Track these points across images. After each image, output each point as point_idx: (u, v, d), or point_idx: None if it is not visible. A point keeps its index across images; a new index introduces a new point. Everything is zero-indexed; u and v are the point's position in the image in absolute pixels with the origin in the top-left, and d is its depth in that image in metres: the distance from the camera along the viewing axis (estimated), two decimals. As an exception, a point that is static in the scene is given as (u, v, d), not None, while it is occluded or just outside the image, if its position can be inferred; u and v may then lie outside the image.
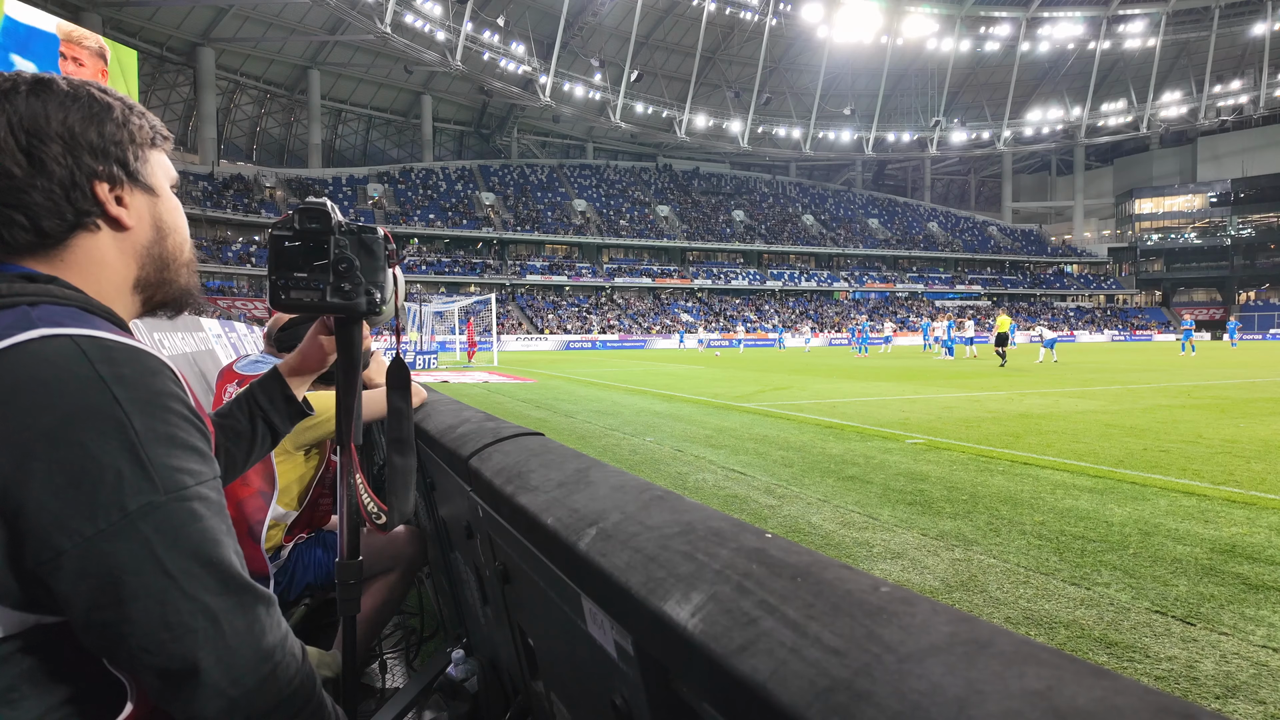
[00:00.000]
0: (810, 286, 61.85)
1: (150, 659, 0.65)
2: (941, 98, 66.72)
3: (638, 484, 0.88)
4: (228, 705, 0.67)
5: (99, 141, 0.79)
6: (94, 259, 0.79)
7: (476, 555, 1.38)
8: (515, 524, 0.97)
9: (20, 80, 0.76)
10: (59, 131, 0.76)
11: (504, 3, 52.38)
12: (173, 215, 0.88)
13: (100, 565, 0.63)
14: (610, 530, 0.74)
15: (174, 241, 0.87)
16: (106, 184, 0.79)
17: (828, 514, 4.16)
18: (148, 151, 0.85)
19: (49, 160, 0.75)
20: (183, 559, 0.66)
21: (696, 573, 0.60)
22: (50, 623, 0.66)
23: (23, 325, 0.65)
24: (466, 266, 51.97)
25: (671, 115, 62.54)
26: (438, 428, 1.64)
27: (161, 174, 0.87)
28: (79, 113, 0.78)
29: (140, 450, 0.65)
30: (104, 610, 0.64)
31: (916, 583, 3.06)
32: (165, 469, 0.66)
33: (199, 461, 0.70)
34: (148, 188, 0.84)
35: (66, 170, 0.76)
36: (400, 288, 1.14)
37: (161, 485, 0.66)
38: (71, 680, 0.68)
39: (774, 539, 0.65)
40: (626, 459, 5.94)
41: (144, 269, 0.84)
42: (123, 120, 0.82)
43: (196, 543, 0.67)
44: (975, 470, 5.33)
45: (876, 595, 0.49)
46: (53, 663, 0.67)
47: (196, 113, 50.57)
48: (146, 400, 0.67)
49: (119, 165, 0.81)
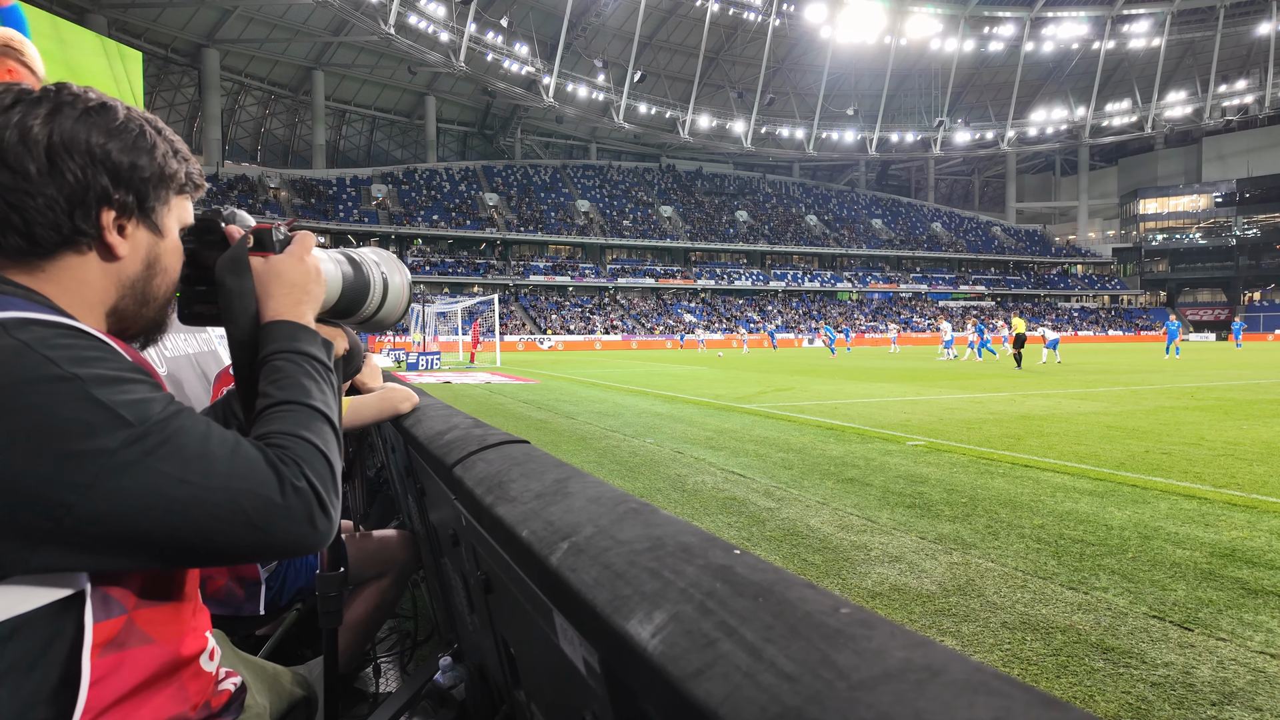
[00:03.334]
0: (814, 287, 61.79)
1: (219, 547, 0.71)
2: (945, 98, 66.61)
3: (614, 496, 0.87)
4: (288, 518, 0.73)
5: (126, 172, 0.81)
6: (76, 277, 0.80)
7: (462, 563, 1.38)
8: (495, 535, 0.97)
9: (86, 99, 0.79)
10: (90, 150, 0.78)
11: (507, 3, 52.41)
12: (170, 257, 0.89)
13: (120, 504, 0.66)
14: (582, 545, 0.74)
15: (161, 281, 0.88)
16: (114, 211, 0.80)
17: (826, 517, 4.15)
18: (172, 195, 0.87)
19: (67, 170, 0.76)
20: (189, 464, 0.69)
21: (661, 591, 0.60)
22: (55, 600, 0.68)
23: None
24: (470, 267, 52.02)
25: (675, 116, 62.54)
26: (426, 434, 1.64)
27: (175, 219, 0.89)
28: (120, 140, 0.80)
29: (95, 395, 0.67)
30: (151, 538, 0.68)
31: (914, 587, 3.05)
32: (127, 404, 0.68)
33: (151, 389, 0.72)
34: (155, 226, 0.85)
35: (80, 186, 0.77)
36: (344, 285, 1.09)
37: (133, 418, 0.68)
38: (45, 672, 0.68)
39: (742, 555, 0.65)
40: (626, 461, 5.94)
41: (124, 300, 0.84)
42: (161, 160, 0.84)
43: (193, 445, 0.70)
44: (975, 473, 5.32)
45: (836, 617, 0.48)
46: (37, 652, 0.67)
47: (201, 114, 50.72)
48: (80, 357, 0.69)
49: (136, 197, 0.82)
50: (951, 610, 2.80)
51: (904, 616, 2.76)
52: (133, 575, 0.74)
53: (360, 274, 1.08)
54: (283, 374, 0.85)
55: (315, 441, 0.80)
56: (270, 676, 1.20)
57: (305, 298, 0.93)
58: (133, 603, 0.74)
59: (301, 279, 0.93)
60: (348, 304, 1.05)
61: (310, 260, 0.95)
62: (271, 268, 0.92)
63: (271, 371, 0.85)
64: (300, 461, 0.76)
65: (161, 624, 0.78)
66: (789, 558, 3.46)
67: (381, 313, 1.12)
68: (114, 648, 0.72)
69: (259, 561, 1.97)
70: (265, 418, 0.81)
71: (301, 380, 0.85)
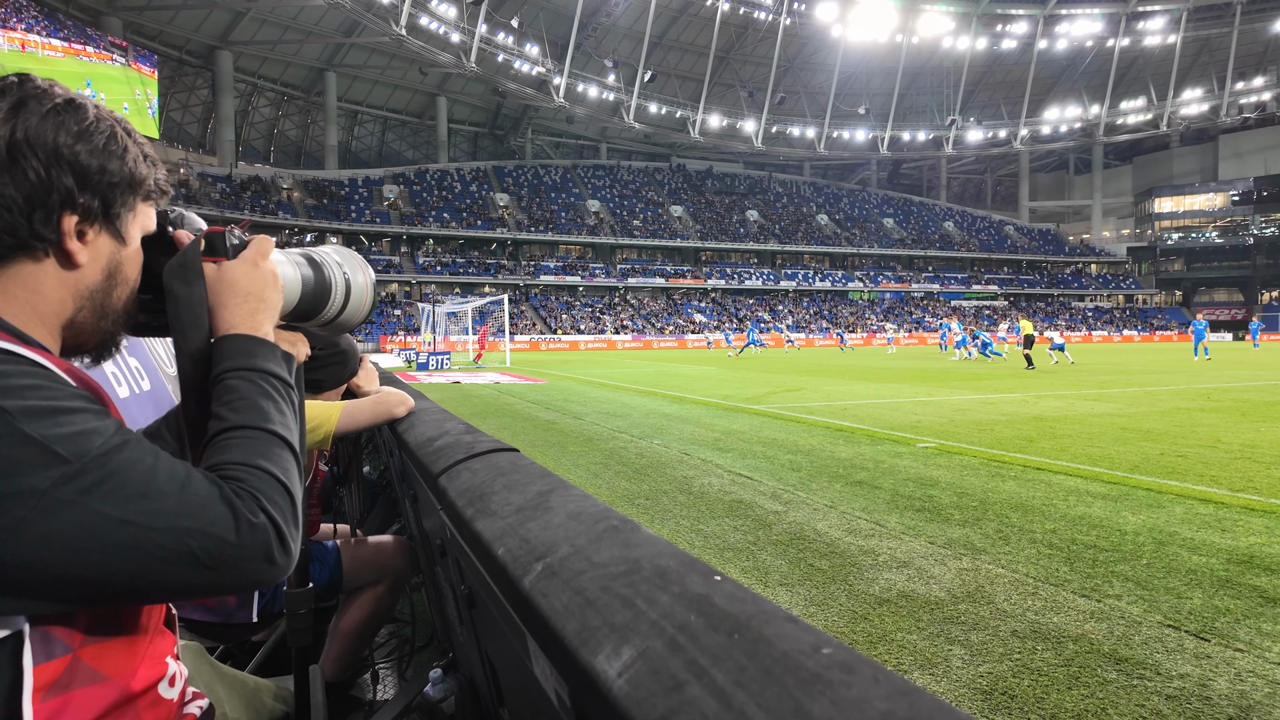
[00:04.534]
0: (825, 287, 61.54)
1: (168, 589, 0.67)
2: (957, 96, 66.13)
3: (595, 511, 0.83)
4: (242, 556, 0.69)
5: (95, 176, 0.76)
6: (27, 286, 0.75)
7: (450, 575, 1.34)
8: (474, 550, 0.93)
9: (53, 95, 0.74)
10: (56, 149, 0.73)
11: (518, 4, 52.49)
12: (131, 267, 0.84)
13: (50, 549, 0.61)
14: (556, 566, 0.70)
15: (121, 292, 0.83)
16: (77, 216, 0.75)
17: (834, 520, 4.09)
18: (138, 201, 0.82)
19: (28, 169, 0.71)
20: (130, 503, 0.64)
21: (632, 622, 0.55)
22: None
23: None
24: (481, 267, 52.16)
25: (685, 115, 62.44)
26: (417, 440, 1.60)
27: (139, 226, 0.84)
28: (89, 142, 0.76)
29: (24, 430, 0.61)
30: (90, 582, 0.63)
31: (922, 593, 2.99)
32: (61, 439, 0.63)
33: (96, 419, 0.67)
34: (118, 233, 0.81)
35: (42, 187, 0.72)
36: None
37: (67, 453, 0.62)
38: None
39: (722, 582, 0.60)
40: (633, 463, 5.89)
41: (81, 311, 0.80)
42: (131, 164, 0.80)
43: (136, 483, 0.65)
44: (986, 476, 5.24)
45: (815, 659, 0.46)
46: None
47: (215, 115, 51.08)
48: (8, 386, 0.63)
49: (101, 202, 0.77)
50: (960, 618, 2.75)
51: (911, 624, 2.70)
52: (77, 613, 0.70)
53: (321, 275, 1.03)
54: (238, 394, 0.80)
55: (274, 471, 0.75)
56: (250, 693, 1.17)
57: (262, 306, 0.87)
58: (78, 640, 0.70)
59: (258, 287, 0.87)
60: (308, 307, 0.99)
61: (267, 266, 0.89)
62: (225, 275, 0.86)
63: (225, 391, 0.80)
64: (257, 494, 0.72)
65: (113, 659, 0.73)
66: (795, 562, 3.40)
67: (344, 315, 1.07)
68: (58, 690, 0.67)
69: (214, 597, 1.94)
70: (220, 445, 0.76)
71: (259, 401, 0.80)
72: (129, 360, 2.19)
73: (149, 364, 2.36)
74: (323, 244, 1.12)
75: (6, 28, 32.77)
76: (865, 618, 2.77)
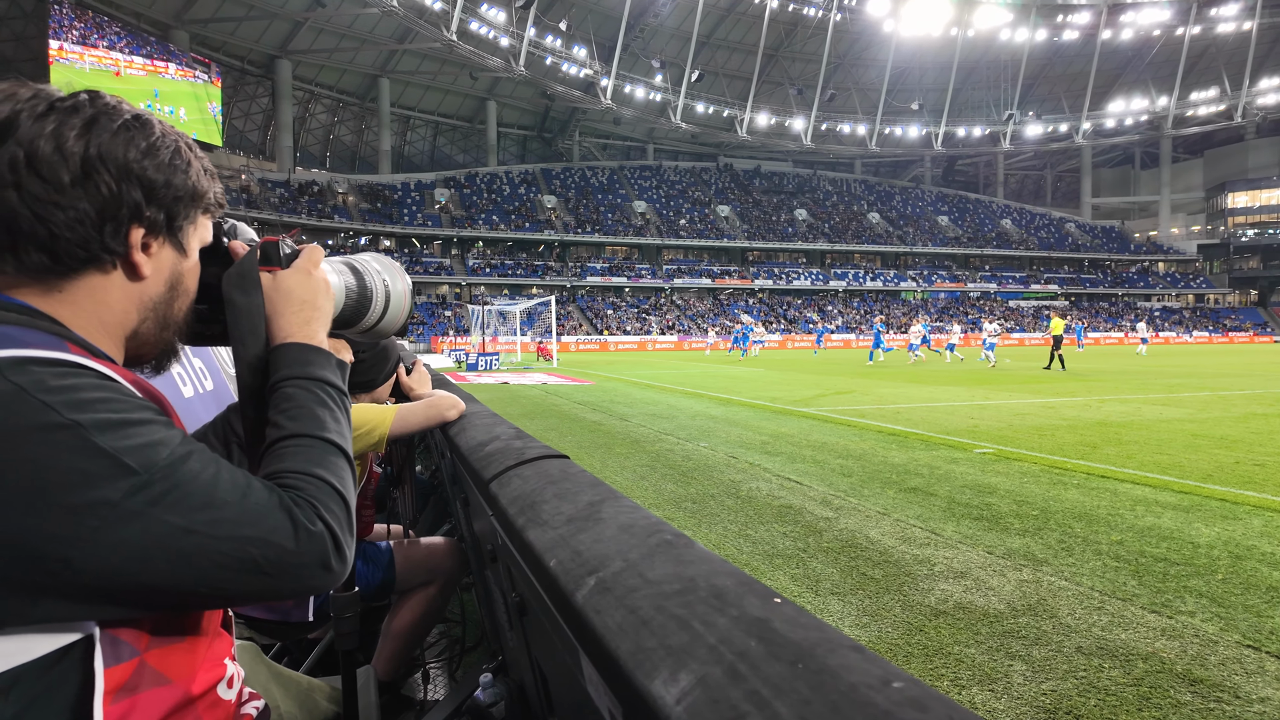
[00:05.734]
0: (876, 286, 60.43)
1: (228, 595, 0.69)
2: (1015, 90, 64.19)
3: (647, 525, 0.81)
4: (300, 563, 0.71)
5: (161, 190, 0.78)
6: (95, 298, 0.77)
7: (501, 580, 1.34)
8: (526, 560, 0.92)
9: (121, 111, 0.77)
10: (126, 164, 0.75)
11: (566, 7, 52.90)
12: (190, 278, 0.86)
13: (122, 558, 0.63)
14: (609, 582, 0.68)
15: (182, 303, 0.86)
16: (144, 229, 0.78)
17: (887, 528, 4.00)
18: (199, 214, 0.85)
19: (101, 184, 0.74)
20: (196, 512, 0.66)
21: (689, 646, 0.54)
22: (60, 648, 0.65)
23: None
24: (528, 269, 52.76)
25: (733, 114, 62.07)
26: (469, 444, 1.61)
27: (198, 238, 0.86)
28: (155, 157, 0.78)
29: (96, 443, 0.63)
30: (155, 588, 0.65)
31: (980, 605, 2.90)
32: (131, 450, 0.65)
33: (162, 430, 0.69)
34: (180, 245, 0.83)
35: (113, 200, 0.74)
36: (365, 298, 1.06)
37: (137, 465, 0.64)
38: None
39: (782, 605, 0.58)
40: (680, 465, 5.87)
41: (145, 323, 0.82)
42: (194, 179, 0.82)
43: (200, 493, 0.67)
44: (1048, 483, 5.06)
45: (885, 694, 0.45)
46: (41, 703, 0.65)
47: (274, 122, 52.80)
48: (80, 400, 0.65)
49: (165, 216, 0.80)
50: (1021, 632, 2.65)
51: (969, 637, 2.61)
52: (144, 617, 0.72)
53: (363, 283, 1.05)
54: (294, 403, 0.82)
55: (330, 479, 0.77)
56: (304, 693, 1.19)
57: (315, 314, 0.90)
58: (145, 643, 0.71)
59: (311, 295, 0.90)
60: (350, 315, 1.01)
61: (319, 274, 0.91)
62: (280, 284, 0.89)
63: (282, 399, 0.82)
64: (315, 502, 0.74)
65: (176, 662, 0.75)
66: (847, 571, 3.33)
67: (383, 322, 1.09)
68: (126, 693, 0.69)
69: (271, 602, 1.98)
70: (277, 452, 0.78)
71: (315, 410, 0.82)
72: (193, 361, 2.27)
73: (212, 364, 2.44)
74: (364, 250, 1.14)
75: (87, 44, 34.46)
76: (921, 629, 2.69)
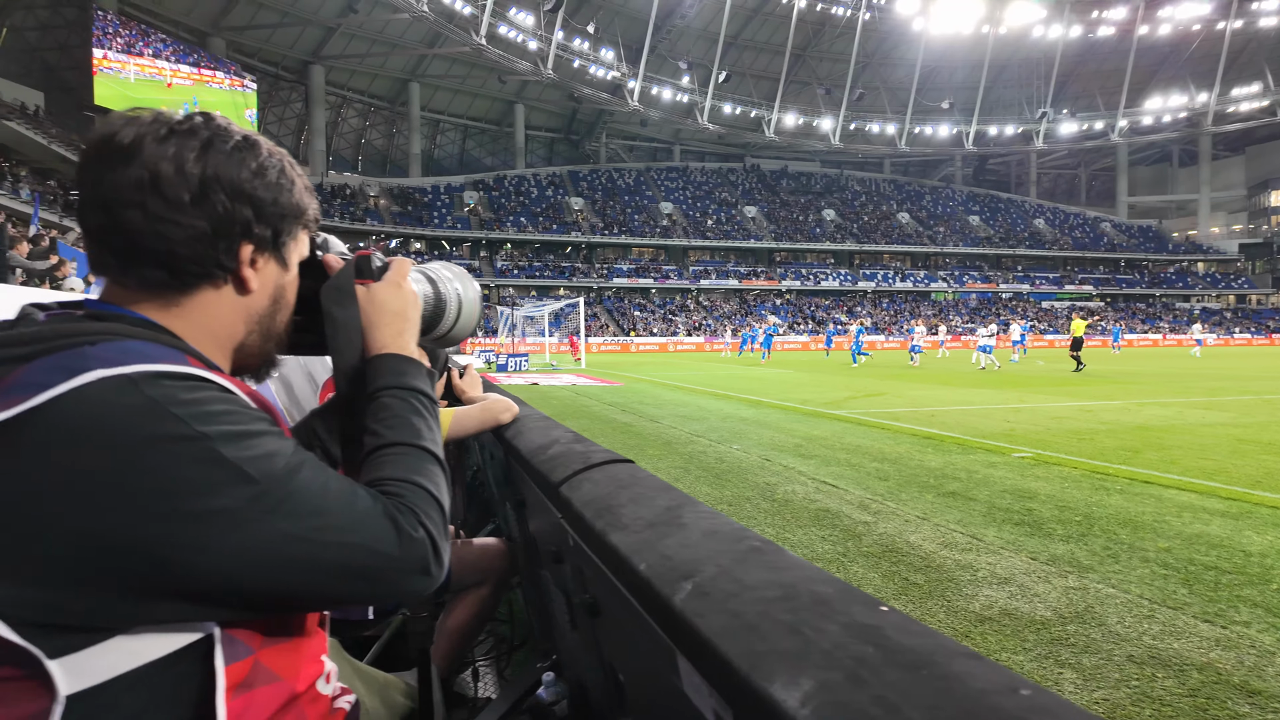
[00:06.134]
0: (906, 287, 59.75)
1: (334, 598, 0.74)
2: (1048, 88, 63.04)
3: (732, 531, 0.83)
4: (403, 569, 0.75)
5: (269, 208, 0.82)
6: (208, 312, 0.81)
7: (566, 581, 1.37)
8: (606, 562, 0.94)
9: (233, 134, 0.81)
10: (238, 184, 0.79)
11: (594, 10, 53.12)
12: (291, 291, 0.90)
13: (241, 563, 0.66)
14: (706, 586, 0.70)
15: (283, 316, 0.90)
16: (252, 245, 0.82)
17: (927, 533, 3.97)
18: (299, 230, 0.89)
19: (216, 203, 0.77)
20: (307, 520, 0.69)
21: (802, 651, 0.55)
22: (183, 646, 0.69)
23: (76, 368, 0.66)
24: (555, 270, 53.05)
25: (760, 114, 61.79)
26: (529, 448, 1.64)
27: (298, 253, 0.90)
28: (264, 177, 0.82)
29: (222, 454, 0.67)
30: (268, 592, 0.70)
31: (1026, 612, 2.87)
32: (252, 460, 0.68)
33: (276, 440, 0.72)
34: (283, 260, 0.87)
35: (226, 219, 0.79)
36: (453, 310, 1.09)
37: (256, 475, 0.68)
38: (179, 715, 0.70)
39: (889, 613, 0.59)
40: (713, 467, 5.87)
41: (250, 335, 0.86)
42: (297, 197, 0.86)
43: (311, 501, 0.71)
44: (1089, 488, 4.98)
45: (1015, 700, 0.44)
46: (168, 698, 0.69)
47: (308, 127, 53.71)
48: (208, 412, 0.68)
49: (272, 232, 0.84)
50: (1069, 640, 2.62)
51: (1017, 644, 2.59)
52: (258, 618, 0.75)
53: (438, 291, 1.09)
54: (391, 412, 0.85)
55: (429, 487, 0.81)
56: (381, 687, 1.22)
57: (407, 326, 0.94)
58: (258, 643, 0.75)
59: (402, 306, 0.93)
60: (427, 324, 1.05)
61: (408, 286, 0.95)
62: (374, 297, 0.92)
63: (381, 409, 0.86)
64: (416, 510, 0.77)
65: (284, 660, 0.79)
66: (889, 576, 3.32)
67: (456, 328, 1.13)
68: (244, 689, 0.73)
69: (372, 607, 2.04)
70: (378, 460, 0.82)
71: (411, 419, 0.86)
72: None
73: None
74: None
75: (132, 52, 35.37)
76: (967, 636, 2.68)
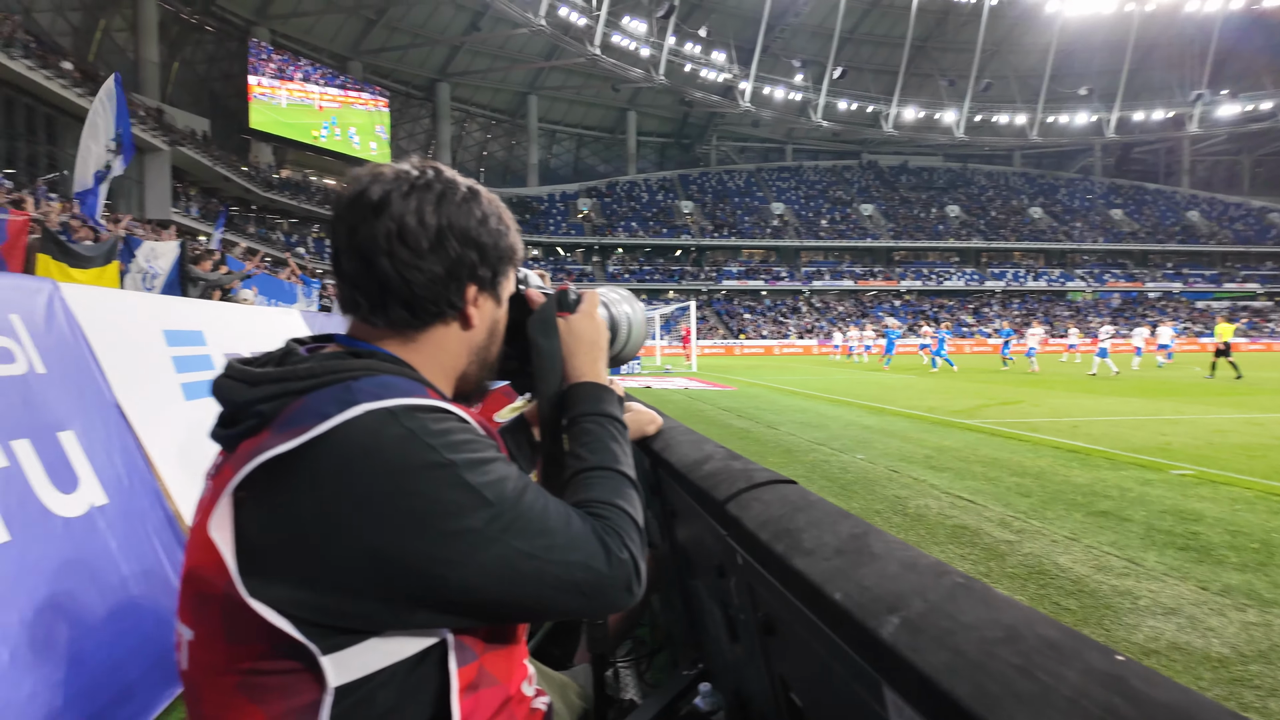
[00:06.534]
0: (1039, 286, 56.04)
1: (553, 611, 0.83)
2: (1204, 68, 57.34)
3: (931, 564, 0.83)
4: (612, 586, 0.82)
5: (491, 251, 0.92)
6: (440, 346, 0.92)
7: (728, 596, 1.40)
8: (787, 585, 0.97)
9: (459, 185, 0.92)
10: (467, 231, 0.89)
11: (705, 14, 53.16)
12: (503, 324, 1.00)
13: (482, 577, 0.75)
14: (916, 621, 0.71)
15: (495, 348, 1.00)
16: (476, 286, 0.92)
17: (1078, 555, 3.73)
18: (510, 269, 0.98)
19: (450, 249, 0.88)
20: (534, 539, 0.77)
21: (1041, 696, 0.55)
22: (424, 649, 0.78)
23: (348, 401, 0.76)
24: (665, 273, 53.50)
25: (877, 109, 59.80)
26: (682, 461, 1.68)
27: (508, 290, 1.00)
28: (487, 224, 0.92)
29: (466, 479, 0.75)
30: (508, 602, 0.78)
31: (1199, 647, 2.64)
32: (488, 485, 0.77)
33: (505, 465, 0.81)
34: (498, 297, 0.97)
35: (458, 263, 0.89)
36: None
37: (493, 498, 0.76)
38: (419, 711, 0.79)
39: (1127, 663, 0.59)
40: (838, 478, 5.75)
41: (470, 365, 0.96)
42: (511, 239, 0.96)
43: (536, 522, 0.79)
44: (1266, 512, 4.51)
45: None
46: (411, 694, 0.78)
47: (435, 141, 56.74)
48: (453, 442, 0.77)
49: (492, 273, 0.94)
50: (1254, 681, 2.40)
51: (1190, 682, 2.40)
52: (483, 626, 0.84)
53: (612, 315, 1.16)
54: (593, 437, 0.93)
55: (629, 510, 0.88)
56: (560, 688, 1.30)
57: (599, 354, 1.02)
58: (481, 649, 0.84)
59: (596, 336, 1.02)
60: None
61: (600, 317, 1.04)
62: (572, 328, 1.01)
63: (582, 434, 0.93)
64: (621, 533, 0.84)
65: (501, 664, 0.87)
66: (1037, 600, 3.15)
67: (626, 349, 1.19)
68: (471, 690, 0.82)
69: (580, 619, 2.15)
70: (582, 483, 0.89)
71: (609, 444, 0.93)
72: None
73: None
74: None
75: (284, 78, 38.71)
76: (1130, 669, 2.50)
